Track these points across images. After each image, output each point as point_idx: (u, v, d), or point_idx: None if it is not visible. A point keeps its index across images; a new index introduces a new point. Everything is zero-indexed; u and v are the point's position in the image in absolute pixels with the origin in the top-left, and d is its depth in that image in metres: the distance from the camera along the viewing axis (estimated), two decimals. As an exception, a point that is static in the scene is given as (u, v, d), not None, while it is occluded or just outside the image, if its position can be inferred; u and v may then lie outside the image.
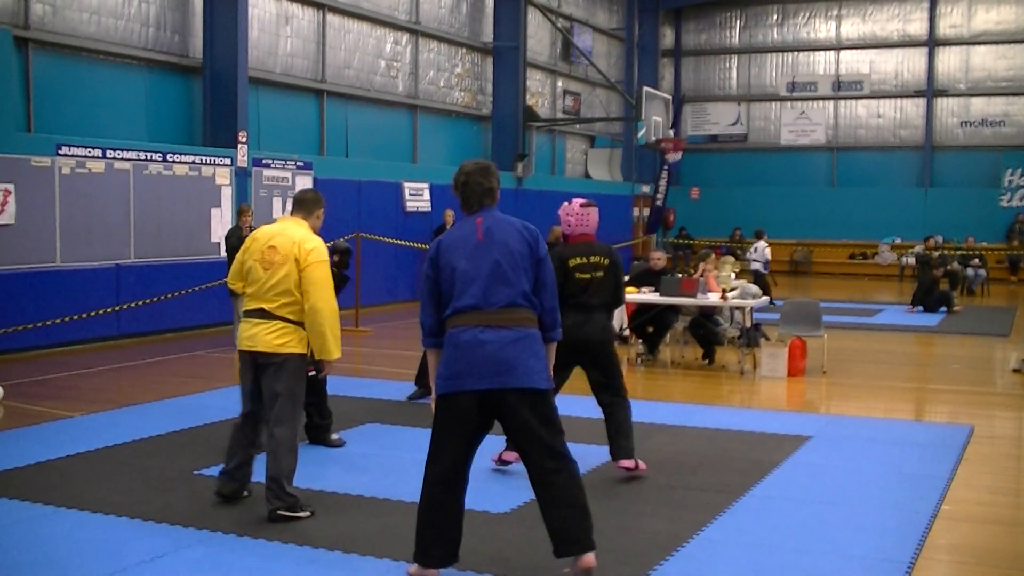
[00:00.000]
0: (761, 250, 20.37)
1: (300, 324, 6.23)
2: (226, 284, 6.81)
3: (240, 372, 6.48)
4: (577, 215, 7.37)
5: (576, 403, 10.22)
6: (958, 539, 6.15)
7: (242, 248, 6.54)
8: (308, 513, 6.22)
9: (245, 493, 6.56)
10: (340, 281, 8.44)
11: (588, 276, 7.15)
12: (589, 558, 4.97)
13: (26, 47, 13.91)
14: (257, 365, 6.29)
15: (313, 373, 7.98)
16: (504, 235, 5.00)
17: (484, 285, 4.86)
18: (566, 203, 7.52)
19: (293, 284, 6.19)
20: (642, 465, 7.25)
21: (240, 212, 13.88)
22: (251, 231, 13.60)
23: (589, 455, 7.87)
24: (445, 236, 5.14)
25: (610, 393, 7.31)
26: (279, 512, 6.13)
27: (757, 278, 19.61)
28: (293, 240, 6.25)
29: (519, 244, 5.00)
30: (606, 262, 7.23)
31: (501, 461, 7.32)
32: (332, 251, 8.39)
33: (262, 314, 6.24)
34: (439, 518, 4.97)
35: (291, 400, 6.27)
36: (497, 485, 7.00)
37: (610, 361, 7.27)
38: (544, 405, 4.92)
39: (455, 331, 4.88)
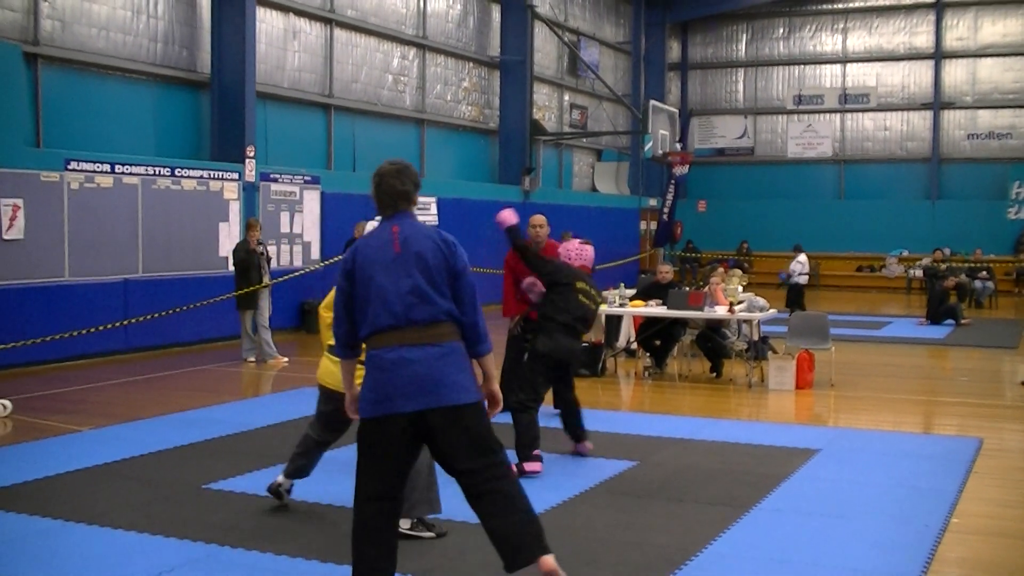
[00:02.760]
0: (804, 263, 20.56)
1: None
2: (317, 309, 6.99)
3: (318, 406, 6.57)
4: (576, 250, 8.33)
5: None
6: (967, 552, 6.13)
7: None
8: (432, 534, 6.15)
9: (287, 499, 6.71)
10: None
11: (588, 303, 7.94)
12: (547, 560, 4.59)
13: (35, 63, 13.98)
14: (334, 401, 6.26)
15: None
16: (421, 247, 4.68)
17: (405, 303, 4.58)
18: (567, 242, 8.63)
19: None
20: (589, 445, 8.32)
21: (249, 227, 13.92)
22: (259, 245, 13.72)
23: (598, 468, 7.86)
24: (361, 245, 4.76)
25: (570, 393, 8.34)
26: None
27: (794, 290, 20.17)
28: None
29: (436, 258, 4.68)
30: (600, 301, 8.22)
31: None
32: None
33: None
34: (375, 540, 4.63)
35: None
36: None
37: (572, 374, 8.42)
38: (475, 418, 4.64)
39: (378, 351, 4.59)
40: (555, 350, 7.82)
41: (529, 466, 7.56)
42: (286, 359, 13.79)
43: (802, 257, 20.75)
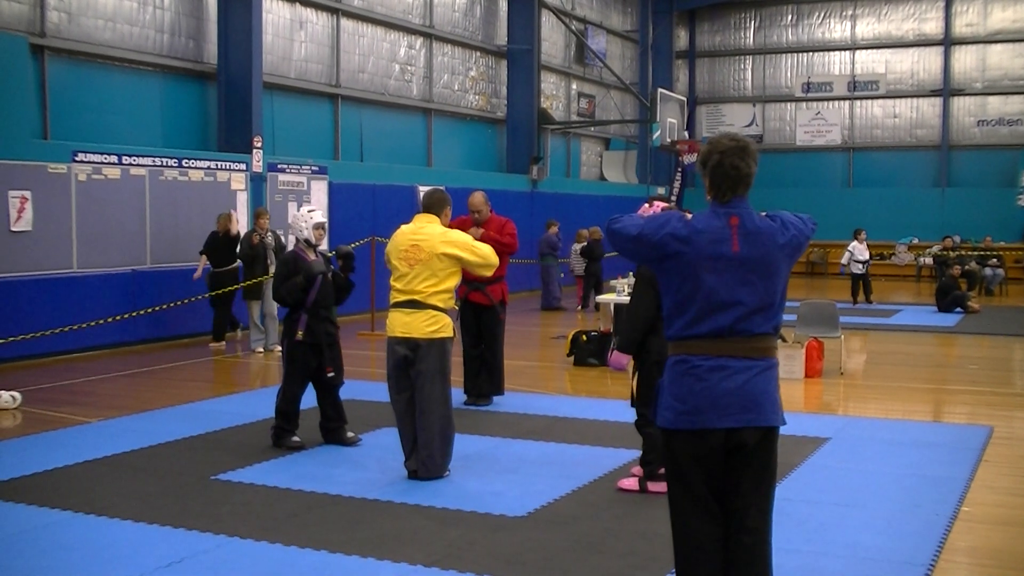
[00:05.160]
0: (859, 250, 21.03)
1: (446, 311, 7.19)
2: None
3: (392, 357, 7.21)
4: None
5: (589, 406, 10.22)
6: (977, 541, 6.10)
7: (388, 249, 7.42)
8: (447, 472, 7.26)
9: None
10: (346, 287, 8.46)
11: None
12: None
13: (42, 54, 13.98)
14: (410, 349, 7.12)
15: (331, 374, 8.09)
16: (765, 251, 4.00)
17: (735, 314, 3.94)
18: (646, 205, 6.91)
19: (444, 275, 7.13)
20: None
21: (257, 216, 13.87)
22: (268, 234, 13.67)
23: (603, 458, 7.85)
24: (692, 232, 4.01)
25: None
26: (421, 475, 7.16)
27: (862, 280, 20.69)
28: (435, 238, 7.14)
29: (782, 261, 4.05)
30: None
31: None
32: (336, 255, 8.46)
33: (414, 304, 7.13)
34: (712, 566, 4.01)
35: (441, 377, 7.17)
36: (514, 488, 6.99)
37: None
38: (775, 447, 4.07)
39: (691, 357, 3.97)
40: None
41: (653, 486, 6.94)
42: (294, 350, 13.76)
43: (852, 244, 21.16)
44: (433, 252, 7.11)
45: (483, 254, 7.31)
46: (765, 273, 3.99)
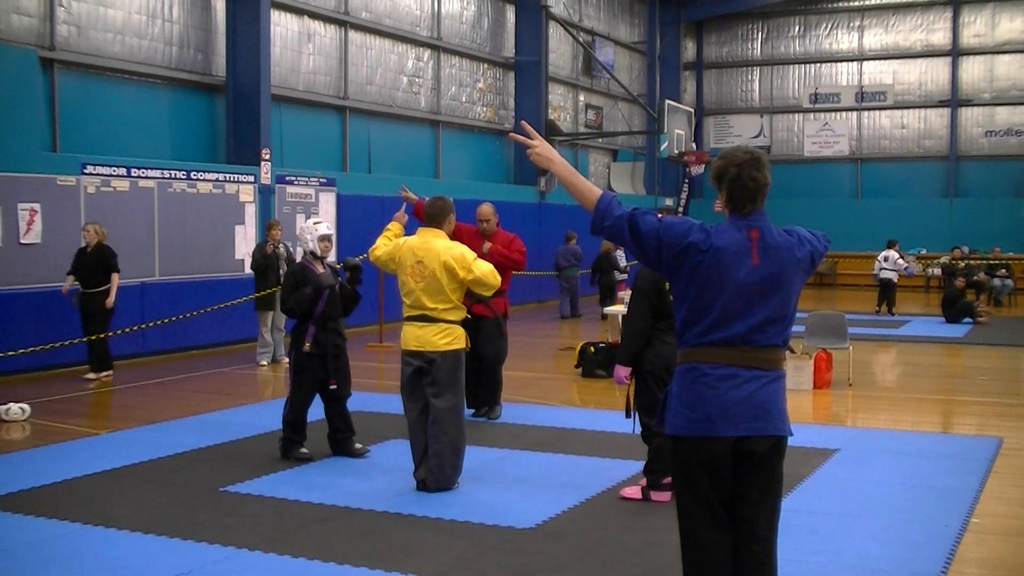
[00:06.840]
0: (893, 259, 21.49)
1: (457, 323, 7.26)
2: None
3: (406, 369, 7.25)
4: None
5: (596, 417, 10.21)
6: (987, 553, 6.08)
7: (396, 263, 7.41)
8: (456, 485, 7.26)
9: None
10: (353, 298, 8.52)
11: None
12: None
13: (51, 67, 14.03)
14: (424, 362, 7.16)
15: (334, 387, 8.14)
16: (783, 265, 4.04)
17: (749, 325, 3.96)
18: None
19: (448, 290, 7.15)
20: None
21: (269, 227, 13.83)
22: (280, 246, 13.65)
23: (610, 469, 7.84)
24: (714, 243, 4.02)
25: None
26: (430, 486, 7.17)
27: (887, 288, 21.12)
28: (439, 255, 7.14)
29: (798, 275, 4.08)
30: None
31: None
32: (344, 267, 8.51)
33: (426, 319, 7.19)
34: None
35: (454, 389, 7.21)
36: (522, 500, 6.98)
37: None
38: (783, 457, 4.07)
39: (704, 366, 3.96)
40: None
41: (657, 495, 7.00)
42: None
43: (888, 252, 21.57)
44: (435, 268, 7.11)
45: (481, 274, 7.24)
46: (781, 286, 4.02)
